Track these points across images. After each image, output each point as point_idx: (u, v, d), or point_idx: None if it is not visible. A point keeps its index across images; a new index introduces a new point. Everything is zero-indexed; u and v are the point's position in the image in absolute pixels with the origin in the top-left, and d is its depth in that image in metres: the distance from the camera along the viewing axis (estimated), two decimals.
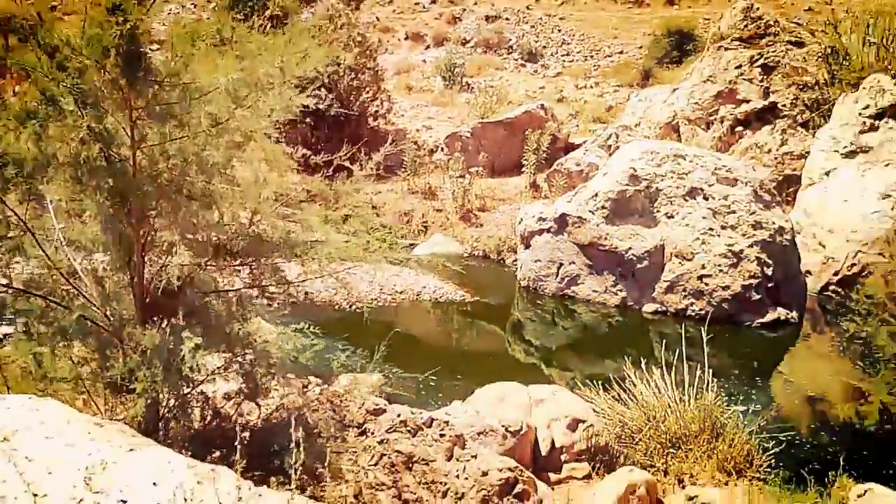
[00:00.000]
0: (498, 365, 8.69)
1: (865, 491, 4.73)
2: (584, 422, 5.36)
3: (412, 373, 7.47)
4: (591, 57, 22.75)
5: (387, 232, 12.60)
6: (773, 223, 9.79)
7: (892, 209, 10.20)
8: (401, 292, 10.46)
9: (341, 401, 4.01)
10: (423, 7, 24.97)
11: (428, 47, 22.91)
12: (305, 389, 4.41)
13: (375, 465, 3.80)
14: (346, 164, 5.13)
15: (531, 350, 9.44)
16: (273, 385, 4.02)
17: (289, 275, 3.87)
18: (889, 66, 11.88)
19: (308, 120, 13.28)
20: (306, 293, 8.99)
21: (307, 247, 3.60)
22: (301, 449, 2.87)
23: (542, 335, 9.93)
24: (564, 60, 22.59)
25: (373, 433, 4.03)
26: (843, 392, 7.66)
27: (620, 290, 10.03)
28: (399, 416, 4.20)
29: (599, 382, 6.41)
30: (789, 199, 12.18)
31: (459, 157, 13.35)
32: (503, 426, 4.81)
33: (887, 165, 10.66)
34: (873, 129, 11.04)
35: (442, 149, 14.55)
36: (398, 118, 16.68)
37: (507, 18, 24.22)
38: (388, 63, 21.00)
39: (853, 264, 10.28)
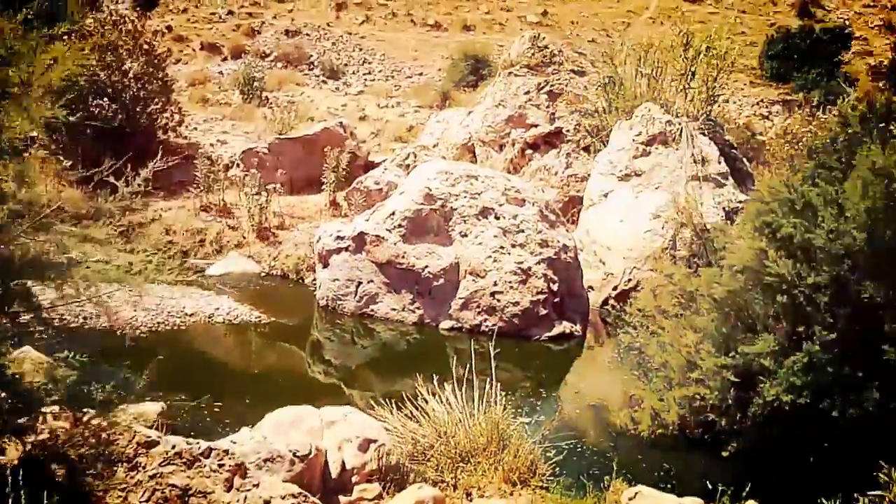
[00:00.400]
0: (296, 387, 8.50)
1: (636, 493, 5.06)
2: (375, 441, 5.34)
3: (201, 400, 7.13)
4: (393, 77, 23.08)
5: (153, 253, 11.99)
6: (558, 241, 10.35)
7: (662, 228, 11.08)
8: (191, 315, 9.97)
9: (109, 434, 3.70)
10: (220, 18, 24.22)
11: (225, 59, 22.23)
12: (76, 423, 4.05)
13: (147, 501, 3.55)
14: (111, 178, 4.77)
15: (331, 370, 9.34)
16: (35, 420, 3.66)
17: (45, 299, 3.53)
18: (658, 96, 12.99)
19: (89, 132, 12.42)
20: (84, 318, 8.38)
21: (61, 269, 3.30)
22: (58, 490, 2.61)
23: (342, 355, 9.86)
24: (366, 79, 22.75)
25: (144, 467, 3.76)
26: (621, 400, 8.20)
27: (418, 308, 10.16)
28: (174, 447, 3.96)
29: (394, 401, 6.44)
30: (574, 218, 12.94)
31: (256, 173, 12.99)
32: (291, 451, 4.68)
33: (657, 188, 11.60)
34: (645, 154, 12.00)
35: (238, 164, 14.10)
36: (191, 132, 15.98)
37: (307, 34, 24.04)
38: (181, 74, 20.15)
39: (629, 279, 11.06)
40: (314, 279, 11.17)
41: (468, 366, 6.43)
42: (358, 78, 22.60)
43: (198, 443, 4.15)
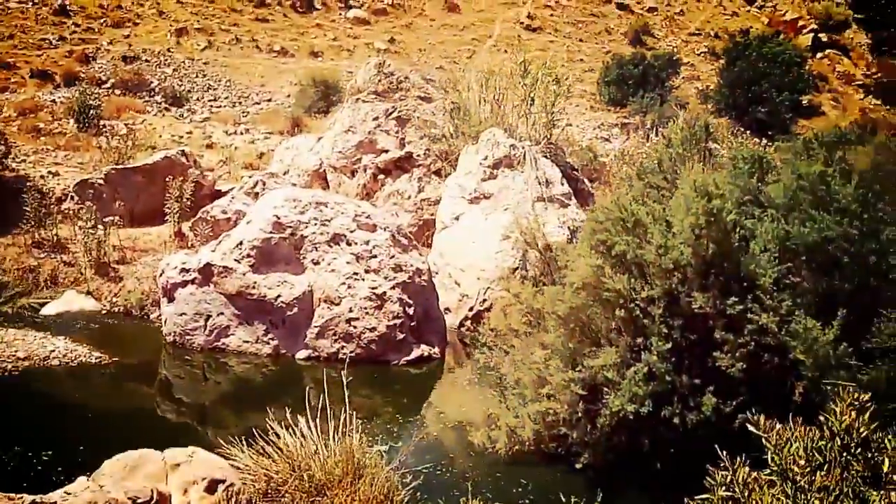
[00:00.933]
0: (143, 430, 8.01)
1: None
2: (224, 482, 5.13)
3: (32, 451, 6.63)
4: (240, 103, 22.56)
5: None
6: (412, 265, 10.41)
7: (512, 248, 11.38)
8: (24, 359, 9.26)
9: None
10: (51, 44, 22.87)
11: (58, 86, 20.96)
12: None
13: None
14: None
15: (182, 410, 8.91)
16: None
17: None
18: (502, 121, 13.40)
19: None
20: None
21: None
22: None
23: (193, 392, 9.44)
24: (212, 106, 22.10)
25: None
26: (481, 419, 8.31)
27: (272, 339, 9.91)
28: None
29: (248, 437, 6.22)
30: (429, 241, 13.08)
31: (92, 206, 12.29)
32: (130, 499, 4.41)
33: (506, 210, 11.92)
34: (492, 177, 12.33)
35: (72, 197, 13.30)
36: (18, 163, 14.95)
37: (146, 60, 23.11)
38: (10, 103, 18.86)
39: (484, 300, 11.28)
40: (160, 314, 10.67)
41: (322, 396, 6.32)
42: (203, 104, 21.93)
43: (21, 497, 3.82)
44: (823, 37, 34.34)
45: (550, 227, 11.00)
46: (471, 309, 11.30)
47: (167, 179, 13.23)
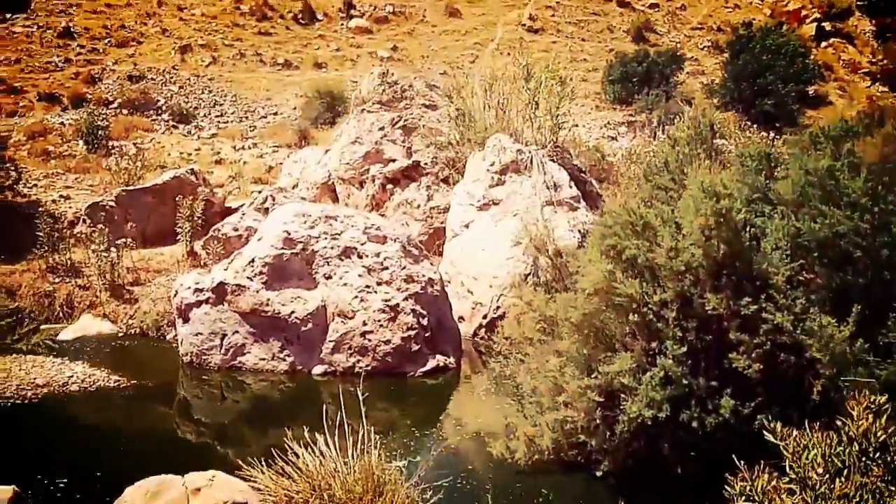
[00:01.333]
0: (163, 453, 8.06)
1: None
2: None
3: (56, 478, 6.68)
4: (247, 118, 22.67)
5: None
6: (424, 275, 10.42)
7: (524, 254, 11.38)
8: (43, 386, 9.34)
9: None
10: (57, 66, 23.05)
11: (66, 108, 21.15)
12: None
13: None
14: None
15: (202, 429, 8.95)
16: None
17: None
18: (507, 126, 13.40)
19: None
20: None
21: None
22: None
23: (212, 412, 9.48)
24: (219, 121, 22.23)
25: None
26: (500, 428, 8.29)
27: (288, 356, 9.95)
28: None
29: (268, 456, 6.24)
30: (440, 250, 13.08)
31: (104, 228, 12.38)
32: None
33: (515, 215, 11.91)
34: (500, 183, 12.33)
35: (84, 220, 13.40)
36: (30, 188, 15.08)
37: (152, 78, 23.25)
38: (19, 127, 19.04)
39: (497, 307, 11.26)
40: (176, 335, 10.72)
41: (339, 411, 6.33)
42: (210, 121, 22.05)
43: None
44: (827, 25, 34.15)
45: (560, 231, 10.99)
46: (484, 317, 11.29)
47: (177, 199, 13.31)
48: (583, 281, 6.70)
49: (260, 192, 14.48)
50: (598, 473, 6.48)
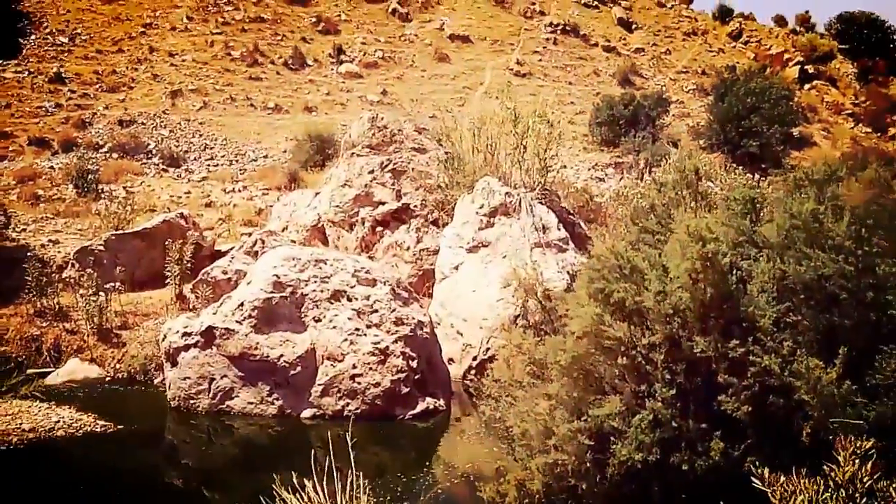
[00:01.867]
0: (151, 497, 8.01)
1: None
2: None
3: None
4: (237, 161, 22.81)
5: None
6: (413, 318, 10.43)
7: (513, 296, 11.39)
8: (29, 430, 9.25)
9: None
10: (47, 111, 23.19)
11: (55, 153, 21.23)
12: None
13: None
14: None
15: (189, 474, 8.89)
16: None
17: None
18: (496, 169, 13.53)
19: None
20: None
21: None
22: None
23: (199, 457, 9.42)
24: (209, 165, 22.35)
25: None
26: (491, 472, 8.24)
27: (277, 399, 9.89)
28: None
29: (254, 501, 6.18)
30: (430, 291, 13.10)
31: (92, 273, 12.35)
32: None
33: (504, 257, 11.97)
34: (490, 225, 12.41)
35: (72, 264, 13.38)
36: (18, 233, 15.06)
37: (142, 123, 23.41)
38: (8, 171, 19.10)
39: (487, 349, 11.26)
40: (164, 379, 10.66)
41: (328, 456, 6.29)
42: (200, 164, 22.17)
43: None
44: (810, 68, 34.84)
45: (549, 272, 11.03)
46: (474, 359, 11.28)
47: (167, 242, 13.32)
48: (571, 324, 6.72)
49: (249, 235, 14.51)
50: None
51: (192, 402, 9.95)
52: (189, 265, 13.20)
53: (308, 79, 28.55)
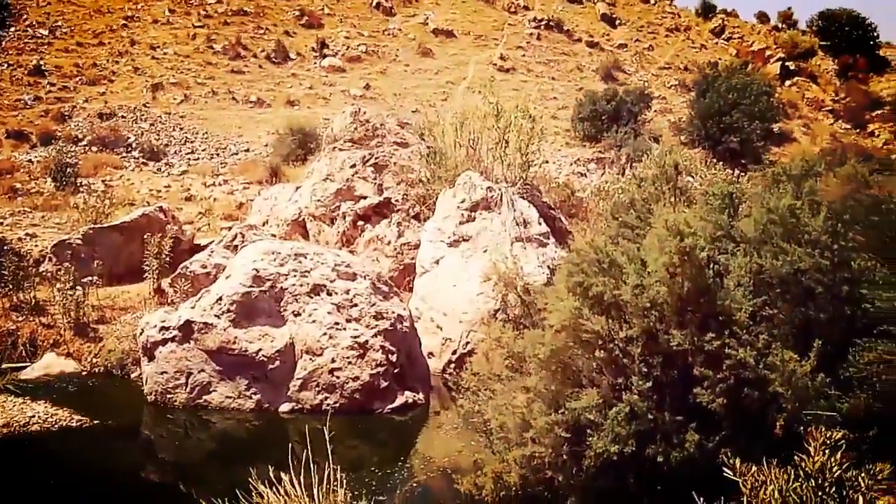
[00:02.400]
0: (128, 494, 7.94)
1: None
2: None
3: None
4: (218, 155, 22.65)
5: None
6: (393, 312, 10.40)
7: (493, 290, 11.39)
8: (3, 426, 9.15)
9: None
10: (26, 104, 22.94)
11: (34, 146, 21.00)
12: None
13: None
14: None
15: (166, 469, 8.83)
16: None
17: None
18: (478, 164, 13.52)
19: None
20: None
21: None
22: None
23: (176, 451, 9.35)
24: (189, 158, 22.19)
25: None
26: (469, 465, 8.25)
27: (255, 394, 9.84)
28: None
29: (229, 496, 6.14)
30: (410, 286, 13.07)
31: (70, 266, 12.22)
32: None
33: (485, 251, 11.96)
34: (471, 219, 12.40)
35: (50, 258, 13.23)
36: None
37: (123, 116, 23.22)
38: None
39: (466, 343, 11.24)
40: (141, 374, 10.57)
41: (306, 450, 6.26)
42: (180, 157, 22.00)
43: None
44: (791, 65, 35.08)
45: (530, 267, 11.05)
46: (454, 353, 11.27)
47: (145, 236, 13.20)
48: (550, 317, 6.72)
49: (229, 229, 14.40)
50: None
51: (169, 396, 9.88)
52: (168, 259, 13.09)
53: (291, 73, 28.42)
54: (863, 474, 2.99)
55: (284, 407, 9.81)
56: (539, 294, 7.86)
